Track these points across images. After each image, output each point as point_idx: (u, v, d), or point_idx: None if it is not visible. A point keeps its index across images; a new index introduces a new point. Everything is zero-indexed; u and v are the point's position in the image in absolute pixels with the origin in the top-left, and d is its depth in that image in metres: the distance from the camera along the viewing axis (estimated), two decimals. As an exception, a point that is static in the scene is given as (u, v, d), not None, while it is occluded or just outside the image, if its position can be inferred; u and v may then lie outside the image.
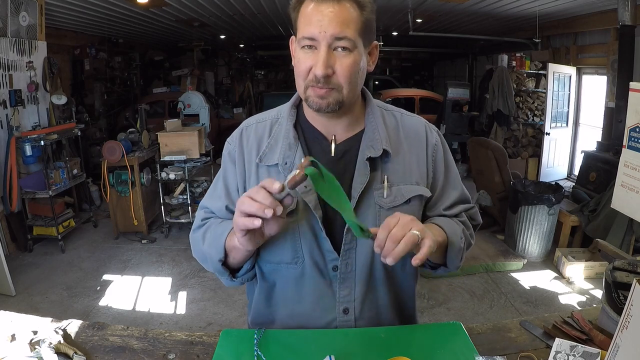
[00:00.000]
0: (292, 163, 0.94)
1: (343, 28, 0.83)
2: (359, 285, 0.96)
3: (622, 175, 2.24)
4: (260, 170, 0.97)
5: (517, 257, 3.80)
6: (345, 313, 0.97)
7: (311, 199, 0.92)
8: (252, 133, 1.02)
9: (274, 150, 0.96)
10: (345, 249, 0.94)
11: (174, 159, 4.34)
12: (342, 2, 0.84)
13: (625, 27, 4.06)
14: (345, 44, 0.84)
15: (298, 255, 0.95)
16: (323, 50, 0.84)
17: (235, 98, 11.01)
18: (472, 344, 0.91)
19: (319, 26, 0.83)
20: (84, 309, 3.16)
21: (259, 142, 0.99)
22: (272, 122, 1.02)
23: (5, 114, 3.89)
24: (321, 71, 0.84)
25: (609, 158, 4.21)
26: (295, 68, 0.90)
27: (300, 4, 0.88)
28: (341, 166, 0.95)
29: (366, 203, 0.94)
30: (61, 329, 0.99)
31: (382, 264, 0.95)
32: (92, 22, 5.74)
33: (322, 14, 0.83)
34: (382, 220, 0.89)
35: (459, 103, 6.62)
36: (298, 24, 0.88)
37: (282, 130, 0.98)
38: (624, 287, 0.96)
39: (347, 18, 0.84)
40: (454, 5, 5.31)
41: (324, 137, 0.97)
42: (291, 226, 0.94)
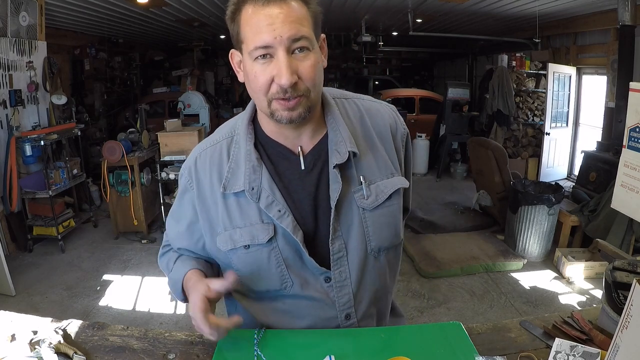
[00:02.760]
0: (258, 187, 0.87)
1: (298, 27, 0.76)
2: (356, 289, 0.94)
3: (622, 175, 2.24)
4: (227, 200, 0.90)
5: (517, 257, 3.80)
6: (347, 319, 0.95)
7: (287, 222, 0.87)
8: (207, 160, 0.93)
9: (237, 176, 0.89)
10: (335, 258, 0.90)
11: (174, 159, 4.34)
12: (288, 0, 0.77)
13: (625, 27, 4.06)
14: (303, 44, 0.77)
15: (285, 281, 0.91)
16: (283, 57, 0.76)
17: (235, 98, 11.00)
18: (472, 344, 0.91)
19: (271, 31, 0.75)
20: (84, 309, 3.16)
21: (219, 168, 0.91)
22: (227, 142, 0.93)
23: (5, 114, 3.89)
24: (287, 80, 0.76)
25: (609, 158, 4.21)
26: (251, 83, 0.81)
27: (238, 13, 0.80)
28: (314, 178, 0.90)
29: (348, 208, 0.90)
30: (61, 329, 0.99)
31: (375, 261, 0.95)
32: (92, 22, 5.74)
33: (271, 17, 0.75)
34: (369, 223, 0.91)
35: (459, 103, 6.62)
36: (242, 34, 0.79)
37: (242, 152, 0.90)
38: (624, 287, 0.96)
39: (299, 16, 0.77)
40: (454, 5, 5.31)
41: (290, 151, 0.90)
42: (273, 253, 0.89)
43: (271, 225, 0.88)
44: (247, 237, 0.89)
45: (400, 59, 12.82)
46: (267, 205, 0.87)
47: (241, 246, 0.90)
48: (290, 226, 0.87)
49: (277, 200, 0.87)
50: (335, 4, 5.48)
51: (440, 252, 3.85)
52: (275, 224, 0.88)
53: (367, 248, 0.92)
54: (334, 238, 0.89)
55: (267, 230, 0.88)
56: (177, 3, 5.01)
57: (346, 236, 0.91)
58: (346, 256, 0.91)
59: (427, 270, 3.61)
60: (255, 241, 0.88)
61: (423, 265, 3.67)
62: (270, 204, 0.87)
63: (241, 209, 0.89)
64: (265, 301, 0.95)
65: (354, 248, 0.91)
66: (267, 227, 0.88)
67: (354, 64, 12.34)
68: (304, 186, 0.89)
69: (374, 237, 0.92)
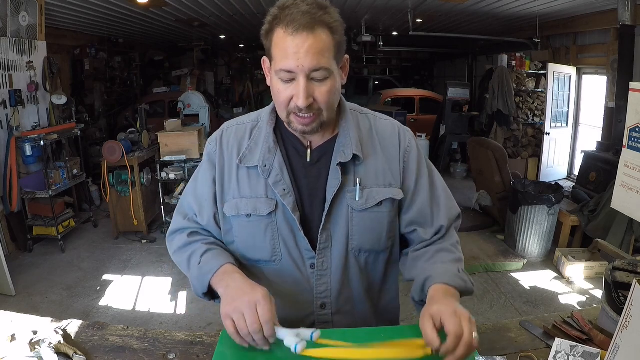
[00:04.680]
0: (271, 166, 0.97)
1: (319, 59, 0.85)
2: (335, 281, 1.00)
3: (622, 175, 2.24)
4: (240, 171, 1.00)
5: (517, 257, 3.80)
6: (322, 308, 1.01)
7: (289, 200, 0.96)
8: (232, 135, 1.04)
9: (254, 153, 0.99)
10: (321, 247, 0.98)
11: (174, 159, 4.34)
12: (315, 31, 0.84)
13: (625, 27, 4.06)
14: (321, 73, 0.87)
15: (276, 254, 1.00)
16: (302, 83, 0.86)
17: (235, 98, 11.02)
18: (472, 344, 0.91)
19: (295, 59, 0.84)
20: (84, 309, 3.16)
21: (239, 144, 1.02)
22: (252, 125, 1.04)
23: (5, 114, 3.89)
24: (303, 103, 0.87)
25: (609, 158, 4.21)
26: (274, 96, 0.92)
27: (272, 33, 0.88)
28: (316, 171, 0.99)
29: (339, 205, 0.97)
30: (61, 329, 0.99)
31: (355, 261, 1.01)
32: (92, 22, 5.74)
33: (297, 46, 0.84)
34: (354, 221, 0.98)
35: (459, 103, 6.61)
36: (273, 53, 0.89)
37: (262, 134, 1.01)
38: (624, 287, 0.96)
39: (322, 48, 0.85)
40: (454, 5, 5.31)
41: (300, 144, 1.00)
42: (270, 226, 0.98)
43: (274, 202, 0.97)
44: (251, 207, 0.98)
45: (400, 59, 12.82)
46: (274, 183, 0.96)
47: (244, 214, 0.99)
48: (291, 205, 0.96)
49: (285, 180, 0.97)
50: (335, 4, 5.43)
51: (440, 252, 3.85)
52: (277, 202, 0.97)
53: (349, 246, 1.00)
54: (323, 228, 0.97)
55: (269, 204, 0.97)
56: (177, 3, 5.01)
57: (333, 230, 0.99)
58: (330, 248, 0.99)
59: (427, 270, 3.61)
60: (256, 212, 0.98)
61: (423, 265, 3.66)
62: (277, 182, 0.96)
63: (250, 182, 0.99)
64: (254, 269, 1.03)
65: (338, 242, 0.99)
66: (270, 202, 0.97)
67: (354, 64, 12.34)
68: (307, 176, 0.99)
69: (356, 237, 0.99)
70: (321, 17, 0.85)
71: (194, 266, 1.00)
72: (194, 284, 0.99)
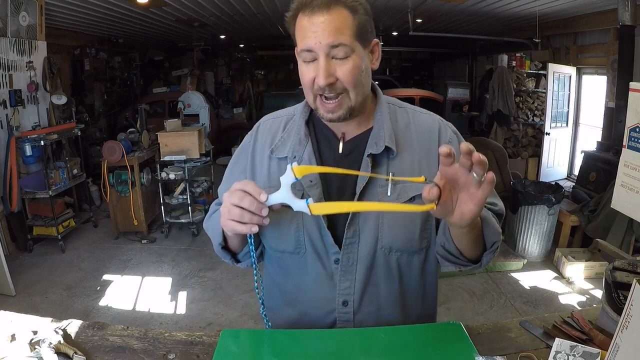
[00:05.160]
0: (300, 157, 0.97)
1: (337, 35, 0.85)
2: (360, 279, 0.97)
3: (622, 175, 2.23)
4: (271, 162, 1.01)
5: (517, 257, 3.80)
6: (344, 305, 0.98)
7: (315, 192, 0.94)
8: (267, 127, 1.06)
9: (285, 144, 1.00)
10: (347, 242, 0.95)
11: (174, 159, 4.34)
12: (333, 9, 0.85)
13: (625, 27, 4.06)
14: (342, 51, 0.86)
15: (300, 246, 0.98)
16: (322, 60, 0.86)
17: (235, 98, 11.01)
18: (472, 344, 0.91)
19: (314, 37, 0.85)
20: (84, 309, 3.16)
21: (273, 136, 1.03)
22: (287, 118, 1.05)
23: (5, 114, 3.89)
24: (323, 81, 0.86)
25: (609, 158, 4.21)
26: (301, 79, 0.92)
27: (294, 19, 0.90)
28: (347, 163, 0.97)
29: (370, 199, 0.94)
30: (61, 329, 0.99)
31: (385, 260, 0.96)
32: (92, 22, 5.74)
33: (315, 25, 0.85)
34: (385, 220, 0.94)
35: (459, 103, 6.62)
36: (296, 37, 0.90)
37: (295, 126, 1.01)
38: (624, 287, 0.96)
39: (340, 25, 0.85)
40: (454, 5, 5.31)
41: (333, 135, 0.99)
42: (295, 218, 0.96)
43: (301, 193, 0.95)
44: None
45: (400, 59, 12.81)
46: None
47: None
48: (316, 196, 0.94)
49: None
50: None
51: (440, 252, 3.85)
52: (304, 193, 0.95)
53: (378, 244, 0.96)
54: (350, 223, 0.94)
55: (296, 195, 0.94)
56: (177, 3, 5.01)
57: (362, 225, 0.95)
58: (357, 244, 0.95)
59: (427, 270, 3.61)
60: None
61: (423, 265, 3.66)
62: None
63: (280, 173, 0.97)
64: (281, 260, 1.03)
65: (366, 239, 0.95)
66: (297, 194, 0.95)
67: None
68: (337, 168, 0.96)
69: (387, 235, 0.95)
70: None
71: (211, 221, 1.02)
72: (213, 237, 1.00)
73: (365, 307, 0.98)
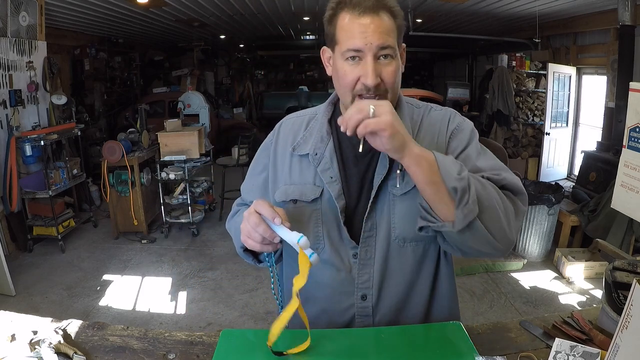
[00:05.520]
0: (322, 154, 1.00)
1: (386, 38, 0.88)
2: (377, 272, 0.98)
3: (622, 175, 2.24)
4: (293, 159, 1.03)
5: (517, 257, 3.80)
6: (363, 299, 0.99)
7: (335, 188, 0.97)
8: (289, 125, 1.09)
9: (308, 142, 1.03)
10: (365, 236, 0.97)
11: (174, 159, 4.34)
12: (380, 13, 0.88)
13: (625, 27, 4.06)
14: (388, 52, 0.89)
15: (319, 242, 0.99)
16: (370, 61, 0.87)
17: (235, 98, 11.01)
18: (472, 344, 0.91)
19: (363, 38, 0.87)
20: (84, 309, 3.16)
21: (295, 134, 1.06)
22: (309, 117, 1.08)
23: (5, 114, 3.89)
24: (372, 81, 0.88)
25: (609, 158, 4.21)
26: (340, 79, 0.92)
27: (336, 17, 0.91)
28: (366, 161, 0.99)
29: (383, 193, 0.97)
30: (61, 329, 0.99)
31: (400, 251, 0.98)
32: (92, 22, 5.74)
33: (364, 26, 0.87)
34: (396, 208, 0.96)
35: (459, 103, 6.62)
36: (338, 36, 0.91)
37: (318, 125, 1.04)
38: (624, 287, 0.96)
39: (387, 28, 0.88)
40: (454, 5, 5.31)
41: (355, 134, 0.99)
42: (314, 214, 0.99)
43: (320, 189, 0.99)
44: (298, 193, 1.01)
45: (400, 59, 12.80)
46: (323, 170, 0.99)
47: (291, 200, 1.02)
48: (335, 192, 0.97)
49: (333, 168, 0.99)
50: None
51: (440, 252, 3.85)
52: (324, 189, 0.99)
53: (392, 235, 0.97)
54: (368, 217, 0.96)
55: (315, 191, 1.00)
56: (177, 3, 5.01)
57: (379, 219, 0.97)
58: (375, 237, 0.98)
59: (427, 270, 3.61)
60: (302, 197, 1.00)
61: (423, 265, 3.67)
62: (326, 170, 0.99)
63: (301, 170, 1.02)
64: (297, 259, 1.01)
65: (382, 231, 0.97)
66: (316, 190, 1.00)
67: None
68: (357, 165, 1.00)
69: (398, 224, 0.97)
70: (384, 1, 0.89)
71: (233, 224, 1.06)
72: (235, 240, 1.03)
73: (383, 300, 0.99)
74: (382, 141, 0.79)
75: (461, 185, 0.79)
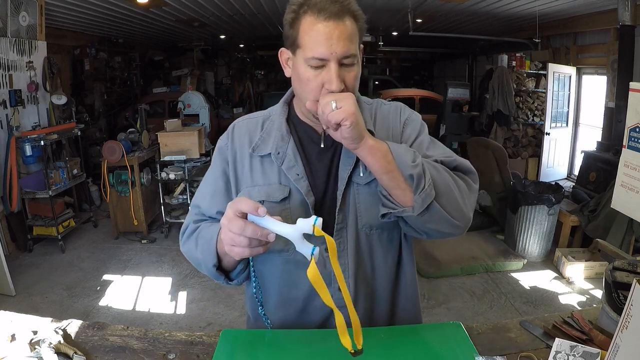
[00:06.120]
0: (284, 152, 0.99)
1: (349, 46, 0.88)
2: (351, 261, 1.00)
3: (622, 175, 2.24)
4: (253, 160, 1.02)
5: (517, 257, 3.80)
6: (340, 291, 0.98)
7: (303, 185, 0.98)
8: (243, 128, 1.08)
9: (267, 142, 1.02)
10: (338, 228, 0.98)
11: (174, 159, 4.34)
12: (345, 18, 0.88)
13: (625, 27, 4.06)
14: (351, 60, 0.90)
15: (288, 244, 0.95)
16: (334, 69, 0.88)
17: (235, 98, 11.02)
18: (472, 344, 0.91)
19: (328, 47, 0.86)
20: (84, 309, 3.16)
21: (251, 135, 1.05)
22: (263, 118, 1.08)
23: (5, 114, 3.89)
24: (337, 88, 0.88)
25: (609, 158, 4.21)
26: (304, 84, 0.92)
27: (298, 21, 0.89)
28: (329, 155, 1.01)
29: (348, 185, 0.99)
30: (61, 329, 0.99)
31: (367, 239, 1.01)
32: (92, 22, 5.74)
33: (328, 34, 0.86)
34: (360, 196, 1.00)
35: (459, 103, 6.61)
36: (301, 41, 0.90)
37: (275, 125, 1.04)
38: (624, 287, 0.96)
39: (351, 35, 0.88)
40: (454, 5, 5.31)
41: (313, 131, 1.03)
42: (283, 213, 0.97)
43: (287, 188, 0.99)
44: (264, 194, 1.00)
45: (400, 59, 12.83)
46: (288, 168, 0.99)
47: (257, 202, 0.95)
48: (304, 189, 0.97)
49: (298, 165, 0.99)
50: (335, 4, 5.46)
51: (440, 252, 3.85)
52: (291, 188, 0.99)
53: (359, 223, 1.00)
54: (340, 209, 0.98)
55: (282, 191, 0.99)
56: (177, 3, 5.01)
57: (347, 210, 0.99)
58: (345, 228, 0.99)
59: (427, 270, 3.61)
60: (270, 198, 0.99)
61: (423, 265, 3.67)
62: (291, 168, 0.99)
63: (263, 170, 1.02)
64: (270, 263, 1.03)
65: (351, 222, 1.00)
66: (283, 189, 0.99)
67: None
68: (321, 160, 1.01)
69: (363, 213, 0.99)
70: (348, 5, 0.88)
71: (200, 241, 0.99)
72: (204, 259, 0.96)
73: (359, 288, 1.02)
74: (341, 131, 0.83)
75: (417, 171, 0.86)
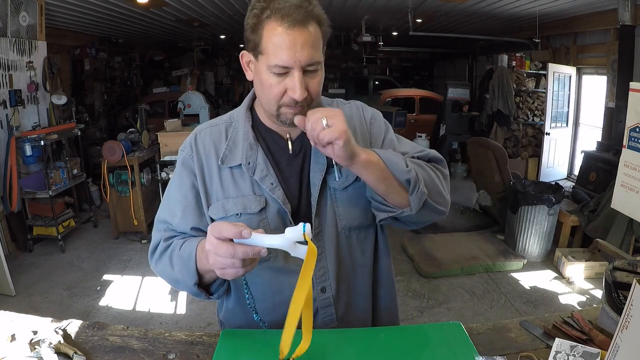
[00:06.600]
0: (254, 162, 0.98)
1: (313, 54, 0.86)
2: (331, 263, 1.01)
3: (622, 175, 2.23)
4: (222, 172, 1.00)
5: (517, 257, 3.80)
6: (323, 292, 1.02)
7: (279, 194, 0.97)
8: (207, 137, 1.03)
9: (235, 152, 0.99)
10: (315, 232, 0.99)
11: (174, 159, 4.34)
12: (309, 24, 0.85)
13: (625, 27, 4.06)
14: (315, 67, 0.88)
15: (270, 252, 0.94)
16: (298, 77, 0.86)
17: (236, 98, 11.00)
18: (472, 344, 0.91)
19: (292, 55, 0.84)
20: (84, 309, 3.16)
21: (216, 146, 1.01)
22: (226, 125, 1.04)
23: (5, 114, 3.89)
24: (300, 96, 0.87)
25: (609, 158, 4.21)
26: (266, 90, 0.90)
27: (261, 26, 0.86)
28: (299, 160, 1.01)
29: (322, 189, 0.99)
30: (61, 329, 0.99)
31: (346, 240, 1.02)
32: (92, 22, 5.74)
33: (292, 42, 0.84)
34: (338, 200, 1.01)
35: (459, 103, 6.62)
36: (264, 47, 0.87)
37: (240, 132, 1.01)
38: (624, 287, 0.96)
39: (315, 42, 0.86)
40: (454, 5, 5.31)
41: (280, 137, 1.01)
42: (261, 224, 0.97)
43: (262, 198, 0.98)
44: (240, 206, 0.98)
45: (400, 59, 12.81)
46: (261, 178, 0.97)
47: (233, 214, 0.98)
48: (281, 198, 0.97)
49: (271, 174, 0.98)
50: (335, 4, 5.48)
51: (440, 252, 3.85)
52: (266, 197, 0.97)
53: (338, 226, 1.01)
54: (316, 214, 0.99)
55: (258, 201, 0.98)
56: (177, 3, 5.01)
57: (323, 214, 1.00)
58: (323, 232, 1.00)
59: (427, 270, 3.61)
60: (247, 210, 0.97)
61: (423, 265, 3.67)
62: (264, 177, 0.97)
63: (235, 182, 0.99)
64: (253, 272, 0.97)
65: (328, 225, 1.00)
66: (259, 199, 0.98)
67: (354, 64, 12.33)
68: (292, 167, 1.01)
69: (343, 215, 1.01)
70: (312, 11, 0.86)
71: (176, 260, 0.94)
72: (183, 278, 0.93)
73: (341, 288, 1.03)
74: (334, 149, 0.81)
75: (411, 176, 0.89)
